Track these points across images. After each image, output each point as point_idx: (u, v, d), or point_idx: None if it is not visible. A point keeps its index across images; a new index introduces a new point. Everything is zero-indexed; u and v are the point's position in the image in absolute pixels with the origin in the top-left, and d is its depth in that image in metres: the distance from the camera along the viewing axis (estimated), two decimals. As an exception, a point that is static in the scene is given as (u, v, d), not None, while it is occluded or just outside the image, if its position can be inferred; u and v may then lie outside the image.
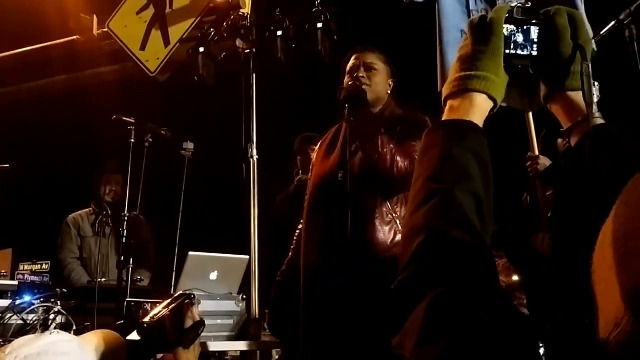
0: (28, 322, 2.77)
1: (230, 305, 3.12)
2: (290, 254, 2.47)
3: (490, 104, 0.79)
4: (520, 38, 0.84)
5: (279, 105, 4.56)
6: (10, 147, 4.88)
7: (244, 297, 3.19)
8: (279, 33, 3.98)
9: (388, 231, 2.17)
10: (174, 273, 3.84)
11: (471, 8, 3.09)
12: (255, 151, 3.99)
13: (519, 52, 0.84)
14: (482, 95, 0.78)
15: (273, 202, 3.73)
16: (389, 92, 2.42)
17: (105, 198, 3.97)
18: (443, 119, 0.79)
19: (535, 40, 0.84)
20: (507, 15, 0.83)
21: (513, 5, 0.85)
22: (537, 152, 2.88)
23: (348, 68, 2.42)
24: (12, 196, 4.94)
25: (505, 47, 0.82)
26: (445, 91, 0.81)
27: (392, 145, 2.21)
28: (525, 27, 0.84)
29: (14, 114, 4.90)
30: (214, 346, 2.92)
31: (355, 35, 4.37)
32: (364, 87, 2.34)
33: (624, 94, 2.76)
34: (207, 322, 3.05)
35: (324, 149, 2.42)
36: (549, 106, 0.90)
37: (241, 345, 3.03)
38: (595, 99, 2.98)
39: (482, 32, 0.81)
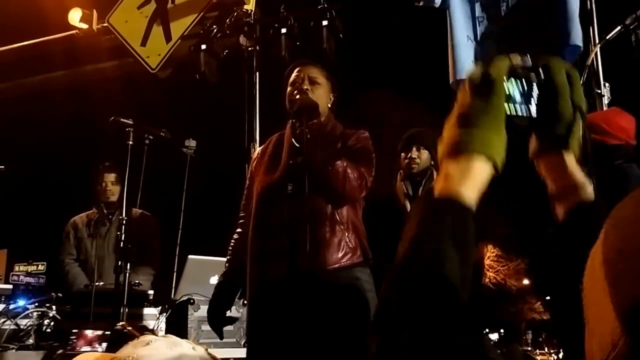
0: (22, 327, 2.69)
1: (231, 311, 3.04)
2: (227, 265, 2.41)
3: (489, 166, 0.76)
4: (520, 96, 0.82)
5: (282, 104, 4.47)
6: (7, 145, 4.80)
7: (245, 302, 3.11)
8: (283, 30, 3.89)
9: (337, 243, 2.20)
10: (175, 275, 3.77)
11: (477, 15, 3.08)
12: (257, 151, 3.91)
13: (519, 111, 0.81)
14: (480, 157, 0.75)
15: None
16: (330, 105, 2.41)
17: (102, 198, 3.88)
18: (436, 185, 0.76)
19: (535, 98, 0.82)
20: (507, 71, 0.80)
21: (513, 60, 0.82)
22: None
23: (291, 80, 2.39)
24: (7, 195, 4.86)
25: (505, 104, 0.80)
26: (441, 151, 0.78)
27: (344, 159, 2.21)
28: (525, 85, 0.82)
29: (11, 110, 4.81)
30: (214, 353, 2.85)
31: (361, 33, 4.27)
32: (295, 98, 2.33)
33: (631, 97, 2.70)
34: (206, 327, 2.98)
35: (267, 159, 2.38)
36: (537, 162, 0.87)
37: (242, 352, 2.96)
38: (606, 100, 2.90)
39: (482, 89, 0.78)
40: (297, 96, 2.29)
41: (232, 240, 2.43)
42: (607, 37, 2.83)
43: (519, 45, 3.01)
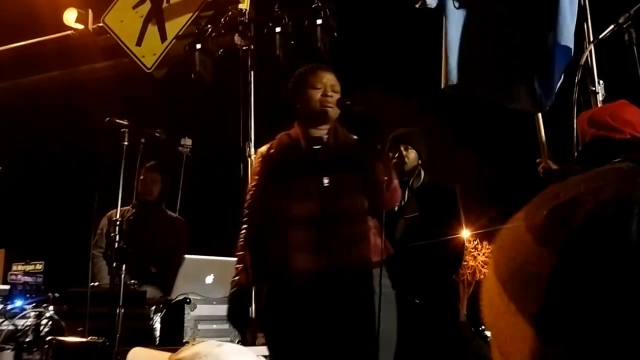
0: (19, 327, 2.71)
1: (227, 310, 3.05)
2: (241, 262, 2.41)
3: None
4: None
5: (277, 103, 4.49)
6: (3, 145, 4.81)
7: (241, 301, 3.12)
8: (278, 29, 3.89)
9: (368, 239, 2.26)
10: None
11: (473, 16, 3.10)
12: (252, 150, 3.93)
13: None
14: None
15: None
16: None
17: (139, 196, 3.87)
18: None
19: None
20: None
21: None
22: (546, 153, 2.90)
23: (315, 83, 2.42)
24: (4, 195, 4.87)
25: None
26: None
27: (395, 174, 2.31)
28: None
29: (7, 110, 4.82)
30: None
31: (355, 32, 4.28)
32: (329, 107, 2.37)
33: (626, 95, 2.72)
34: (202, 327, 3.01)
35: (286, 158, 2.41)
36: None
37: (238, 351, 2.97)
38: (600, 97, 2.90)
39: None
40: (329, 104, 2.35)
41: (241, 239, 2.42)
42: (600, 36, 2.84)
43: (514, 47, 3.03)
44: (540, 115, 3.06)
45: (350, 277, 2.21)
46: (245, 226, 2.43)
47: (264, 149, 2.53)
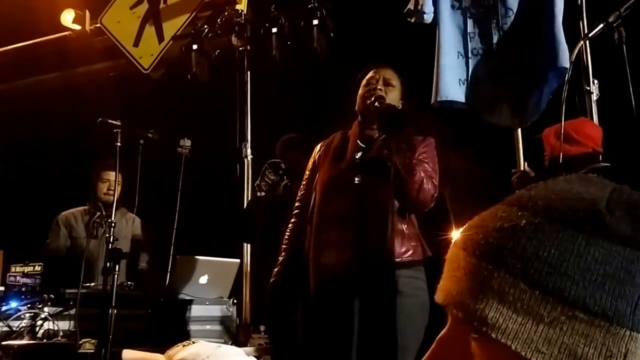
0: (14, 328, 2.72)
1: (220, 310, 3.07)
2: (284, 256, 2.43)
3: None
4: None
5: (273, 103, 4.48)
6: (1, 146, 4.82)
7: (235, 301, 3.14)
8: (274, 30, 3.89)
9: (400, 238, 2.26)
10: (168, 275, 3.78)
11: (469, 31, 3.09)
12: (249, 150, 3.94)
13: None
14: None
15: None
16: None
17: (101, 197, 3.82)
18: None
19: None
20: None
21: None
22: (522, 163, 2.97)
23: (365, 81, 2.44)
24: (2, 196, 4.89)
25: None
26: None
27: (423, 170, 2.27)
28: None
29: (5, 112, 4.83)
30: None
31: (352, 33, 4.28)
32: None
33: (616, 96, 2.72)
34: (195, 327, 3.01)
35: (332, 154, 2.43)
36: None
37: (232, 352, 2.97)
38: (595, 97, 2.93)
39: None
40: (372, 98, 2.34)
41: (288, 231, 2.45)
42: (590, 35, 2.83)
43: (507, 64, 3.03)
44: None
45: (373, 276, 2.20)
46: (293, 220, 2.47)
47: (318, 146, 2.56)
